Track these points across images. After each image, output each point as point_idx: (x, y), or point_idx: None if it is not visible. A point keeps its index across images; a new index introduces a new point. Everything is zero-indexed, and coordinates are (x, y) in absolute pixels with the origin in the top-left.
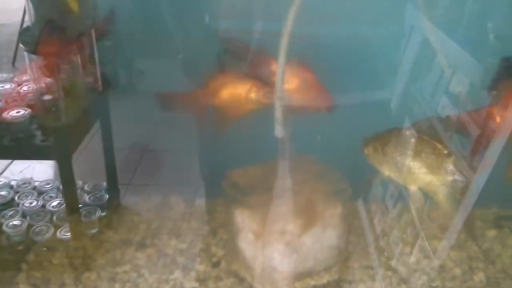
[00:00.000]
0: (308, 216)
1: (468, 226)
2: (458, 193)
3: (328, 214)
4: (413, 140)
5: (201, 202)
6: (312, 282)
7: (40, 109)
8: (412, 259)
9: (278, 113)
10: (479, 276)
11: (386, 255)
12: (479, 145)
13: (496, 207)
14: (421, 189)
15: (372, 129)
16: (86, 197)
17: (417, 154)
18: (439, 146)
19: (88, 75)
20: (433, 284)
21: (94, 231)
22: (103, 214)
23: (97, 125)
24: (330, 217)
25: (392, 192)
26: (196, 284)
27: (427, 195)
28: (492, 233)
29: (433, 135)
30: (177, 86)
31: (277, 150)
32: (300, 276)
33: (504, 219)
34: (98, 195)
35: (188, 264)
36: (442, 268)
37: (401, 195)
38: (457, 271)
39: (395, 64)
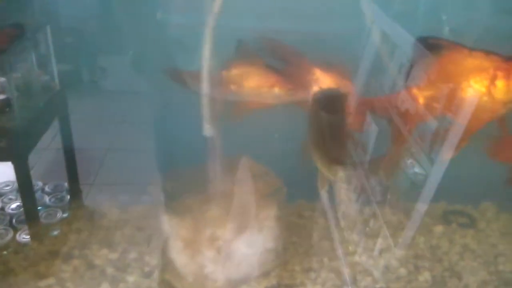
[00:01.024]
0: (240, 220)
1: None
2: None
3: (262, 216)
4: None
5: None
6: None
7: None
8: (356, 259)
9: (206, 111)
10: (425, 276)
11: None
12: (403, 131)
13: (445, 202)
14: None
15: None
16: (47, 199)
17: None
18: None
19: None
20: (377, 286)
21: (55, 233)
22: (65, 215)
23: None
24: (264, 219)
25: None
26: None
27: None
28: (439, 229)
29: None
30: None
31: (207, 150)
32: (235, 283)
33: (452, 213)
34: (59, 196)
35: (117, 275)
36: (387, 268)
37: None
38: (402, 271)
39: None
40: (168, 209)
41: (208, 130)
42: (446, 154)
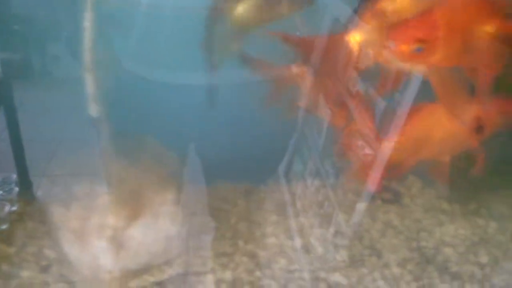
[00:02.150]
0: (134, 205)
1: None
2: None
3: (159, 201)
4: None
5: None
6: (152, 279)
7: None
8: (273, 240)
9: (92, 89)
10: (342, 255)
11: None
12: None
13: None
14: None
15: None
16: None
17: None
18: None
19: None
20: (292, 268)
21: (4, 226)
22: (14, 208)
23: None
24: (161, 204)
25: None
26: None
27: None
28: (362, 205)
29: None
30: None
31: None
32: (134, 273)
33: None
34: (7, 189)
35: (11, 271)
36: (304, 248)
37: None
38: (320, 250)
39: None
40: (55, 198)
41: (93, 109)
42: None
